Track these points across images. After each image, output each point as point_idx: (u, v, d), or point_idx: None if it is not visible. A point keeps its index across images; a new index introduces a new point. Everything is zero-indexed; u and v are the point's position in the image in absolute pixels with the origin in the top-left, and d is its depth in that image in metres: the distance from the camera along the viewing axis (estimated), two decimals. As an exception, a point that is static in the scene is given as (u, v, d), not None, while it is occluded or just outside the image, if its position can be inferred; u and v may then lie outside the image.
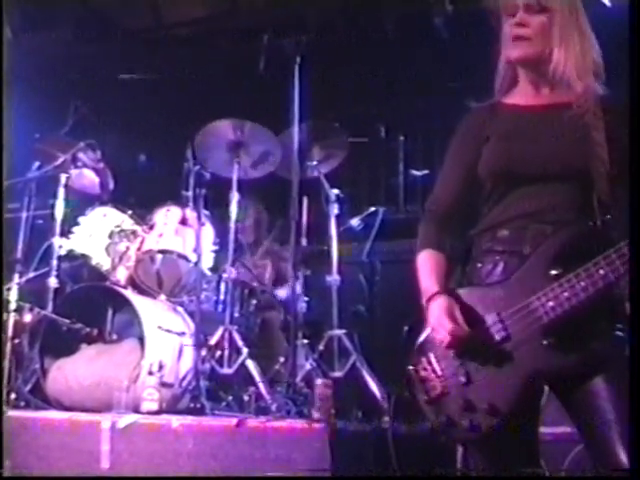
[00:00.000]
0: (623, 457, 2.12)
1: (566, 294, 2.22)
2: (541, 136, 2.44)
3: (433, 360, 2.46)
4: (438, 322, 2.37)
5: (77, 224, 5.65)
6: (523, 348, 2.28)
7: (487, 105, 2.61)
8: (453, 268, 2.57)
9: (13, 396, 4.82)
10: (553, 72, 2.46)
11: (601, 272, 2.18)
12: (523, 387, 2.28)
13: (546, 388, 2.38)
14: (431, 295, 2.46)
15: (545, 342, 2.24)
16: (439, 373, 2.43)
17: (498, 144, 2.49)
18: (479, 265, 2.48)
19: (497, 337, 2.32)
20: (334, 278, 5.56)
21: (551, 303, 2.24)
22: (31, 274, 5.42)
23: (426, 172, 6.98)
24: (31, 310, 5.22)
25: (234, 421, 3.88)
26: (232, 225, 5.48)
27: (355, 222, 6.21)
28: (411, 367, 2.50)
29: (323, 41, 5.78)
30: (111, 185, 6.06)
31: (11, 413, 4.37)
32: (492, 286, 2.41)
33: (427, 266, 2.56)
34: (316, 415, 4.07)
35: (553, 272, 2.26)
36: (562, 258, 2.27)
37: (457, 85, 6.40)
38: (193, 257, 5.40)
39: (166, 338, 4.99)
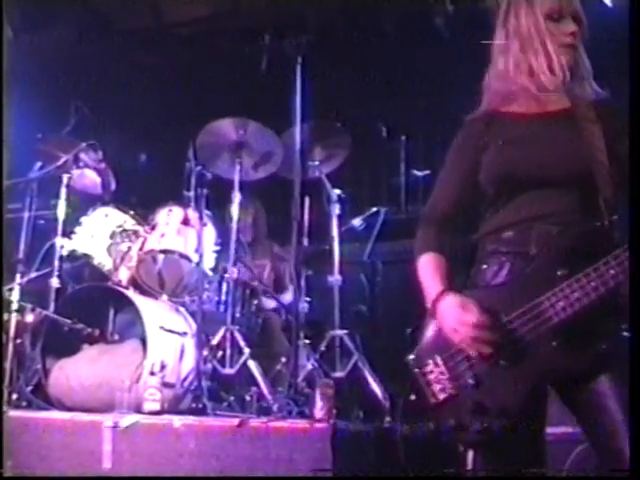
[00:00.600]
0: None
1: (576, 294, 2.21)
2: (541, 142, 2.43)
3: (440, 362, 2.41)
4: (456, 319, 2.33)
5: (79, 224, 5.66)
6: (533, 349, 2.26)
7: (483, 113, 2.60)
8: (455, 272, 2.54)
9: (15, 396, 4.82)
10: (572, 83, 2.48)
11: (611, 272, 2.17)
12: (533, 388, 2.27)
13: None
14: (438, 295, 2.42)
15: (555, 343, 2.23)
16: (447, 375, 2.39)
17: (498, 151, 2.48)
18: (484, 267, 2.46)
19: (507, 338, 2.29)
20: (336, 278, 5.57)
21: (561, 303, 2.23)
22: (33, 274, 5.42)
23: (428, 172, 6.99)
24: (33, 310, 5.23)
25: (236, 421, 3.87)
26: (234, 225, 5.48)
27: (357, 222, 6.21)
28: (417, 369, 2.46)
29: (324, 41, 5.78)
30: (113, 185, 6.07)
31: (13, 413, 4.37)
32: (499, 287, 2.40)
33: (429, 268, 2.54)
34: (318, 415, 4.07)
35: (560, 273, 2.25)
36: (569, 258, 2.26)
37: (458, 85, 6.39)
38: (195, 257, 5.41)
39: (168, 338, 5.00)
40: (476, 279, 2.48)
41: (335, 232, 5.69)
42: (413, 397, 2.47)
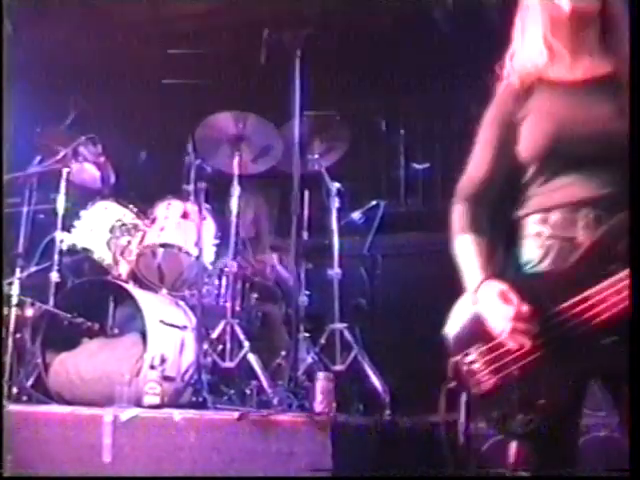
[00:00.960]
0: None
1: (628, 290, 2.05)
2: (585, 114, 2.28)
3: (485, 351, 2.28)
4: (496, 310, 2.22)
5: (78, 218, 5.66)
6: (581, 344, 2.13)
7: (519, 80, 2.43)
8: (494, 251, 2.41)
9: (15, 390, 4.83)
10: (606, 32, 2.33)
11: None
12: (579, 382, 2.19)
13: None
14: (479, 283, 2.30)
15: (605, 340, 2.09)
16: (491, 365, 2.26)
17: (540, 124, 2.33)
18: (528, 249, 2.34)
19: (554, 330, 2.16)
20: (335, 272, 5.56)
21: (614, 298, 2.07)
22: (33, 268, 5.42)
23: (427, 165, 7.00)
24: (33, 304, 5.23)
25: (236, 415, 3.88)
26: (233, 219, 5.48)
27: (356, 215, 6.21)
28: (458, 359, 2.33)
29: (323, 34, 5.77)
30: (112, 179, 6.06)
31: (13, 407, 4.37)
32: (545, 274, 2.27)
33: (468, 252, 2.40)
34: (318, 408, 4.08)
35: (612, 266, 2.10)
36: (619, 249, 2.11)
37: (457, 78, 6.39)
38: (194, 251, 5.40)
39: (168, 332, 5.00)
40: (519, 262, 2.36)
41: (335, 225, 5.68)
42: (453, 384, 2.36)
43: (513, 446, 2.32)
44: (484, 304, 2.27)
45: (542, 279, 2.27)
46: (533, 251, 2.33)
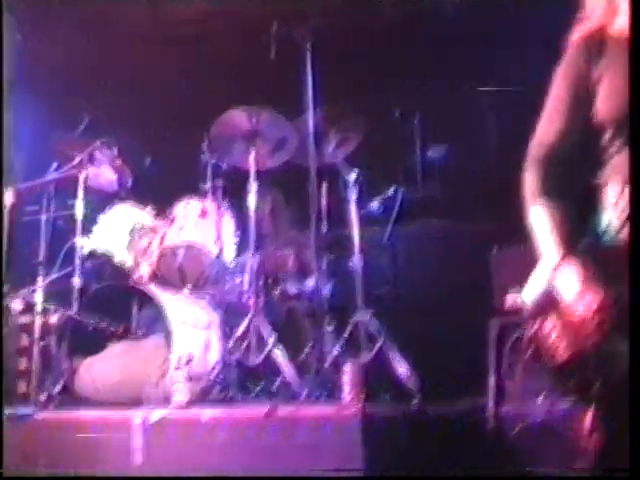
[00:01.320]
0: None
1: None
2: None
3: (560, 323, 2.21)
4: (577, 297, 2.15)
5: (97, 223, 5.67)
6: None
7: (594, 32, 2.30)
8: (568, 218, 2.29)
9: (43, 397, 4.85)
10: None
11: None
12: None
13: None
14: (559, 262, 2.22)
15: None
16: (566, 338, 2.19)
17: (616, 83, 2.21)
18: (606, 219, 2.25)
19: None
20: (357, 262, 5.53)
21: None
22: (54, 275, 5.44)
23: (443, 152, 6.97)
24: (57, 311, 5.25)
25: (264, 410, 3.88)
26: (252, 215, 5.47)
27: (375, 205, 6.17)
28: (534, 329, 2.26)
29: (332, 26, 5.75)
30: (129, 182, 6.07)
31: (42, 414, 4.41)
32: (623, 247, 2.18)
33: (543, 225, 2.29)
34: (346, 400, 4.07)
35: None
36: None
37: (471, 62, 6.36)
38: (215, 249, 5.40)
39: (192, 332, 5.00)
40: (597, 231, 2.27)
41: (354, 216, 5.65)
42: (528, 354, 2.31)
43: (589, 414, 2.27)
44: (565, 287, 2.20)
45: (619, 251, 2.19)
46: (611, 221, 2.24)
